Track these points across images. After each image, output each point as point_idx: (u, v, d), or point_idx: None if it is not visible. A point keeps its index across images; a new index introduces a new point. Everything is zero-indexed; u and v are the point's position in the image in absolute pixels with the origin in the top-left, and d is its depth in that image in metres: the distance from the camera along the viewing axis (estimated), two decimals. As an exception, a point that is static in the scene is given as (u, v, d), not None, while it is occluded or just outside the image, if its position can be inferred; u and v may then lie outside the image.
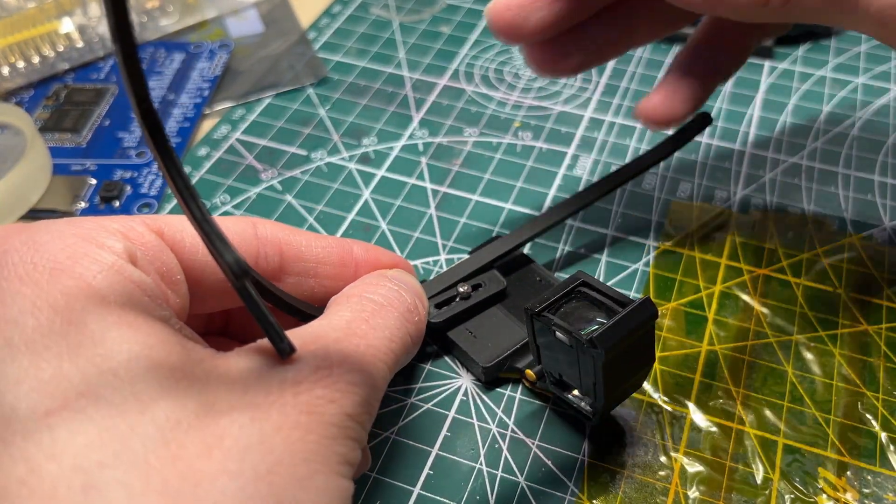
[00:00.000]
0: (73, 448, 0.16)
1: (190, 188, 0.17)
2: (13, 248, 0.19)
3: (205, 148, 0.40)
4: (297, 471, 0.17)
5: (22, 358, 0.17)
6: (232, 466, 0.17)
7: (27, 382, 0.17)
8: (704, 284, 0.33)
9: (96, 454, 0.16)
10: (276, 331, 0.18)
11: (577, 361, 0.24)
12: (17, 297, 0.18)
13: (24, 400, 0.17)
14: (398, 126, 0.41)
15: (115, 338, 0.18)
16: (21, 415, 0.16)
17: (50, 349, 0.17)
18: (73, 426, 0.16)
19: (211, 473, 0.16)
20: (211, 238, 0.17)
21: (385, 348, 0.21)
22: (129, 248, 0.20)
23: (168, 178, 0.17)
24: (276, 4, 0.50)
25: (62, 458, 0.16)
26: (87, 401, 0.17)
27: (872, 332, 0.31)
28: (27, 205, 0.36)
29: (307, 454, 0.18)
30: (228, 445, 0.17)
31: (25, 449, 0.16)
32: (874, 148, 0.40)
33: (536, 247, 0.35)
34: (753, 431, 0.28)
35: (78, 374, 0.17)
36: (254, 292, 0.18)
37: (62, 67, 0.44)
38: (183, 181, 0.17)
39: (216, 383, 0.18)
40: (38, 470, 0.16)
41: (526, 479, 0.27)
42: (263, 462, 0.17)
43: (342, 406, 0.19)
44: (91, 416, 0.16)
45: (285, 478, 0.17)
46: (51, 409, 0.16)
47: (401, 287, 0.24)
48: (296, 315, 0.23)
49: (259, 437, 0.17)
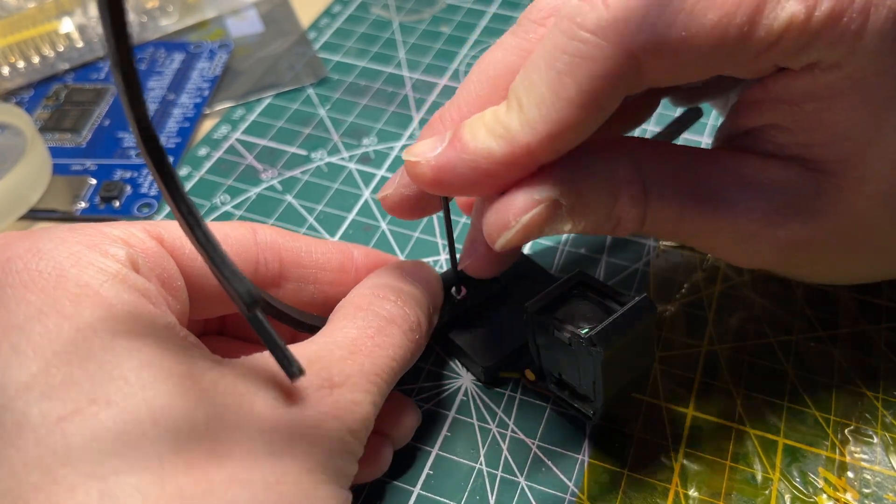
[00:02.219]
0: (88, 454, 0.16)
1: (195, 214, 0.17)
2: (17, 255, 0.19)
3: (205, 148, 0.40)
4: (302, 481, 0.18)
5: (31, 364, 0.17)
6: (242, 476, 0.17)
7: (38, 388, 0.17)
8: (704, 284, 0.33)
9: (111, 461, 0.16)
10: (287, 355, 0.18)
11: (577, 360, 0.24)
12: (22, 303, 0.18)
13: (36, 405, 0.16)
14: (398, 126, 0.41)
15: (124, 345, 0.18)
16: (33, 420, 0.16)
17: (59, 356, 0.17)
18: (87, 432, 0.16)
19: (223, 482, 0.17)
20: (220, 267, 0.17)
21: (387, 367, 0.22)
22: (132, 255, 0.20)
23: (175, 209, 0.17)
24: (276, 4, 0.50)
25: (77, 464, 0.16)
26: (99, 407, 0.17)
27: (872, 332, 0.31)
28: (27, 205, 0.36)
29: (311, 466, 0.18)
30: (238, 455, 0.17)
31: (39, 455, 0.16)
32: (874, 148, 0.40)
33: (537, 247, 0.35)
34: (753, 431, 0.28)
35: (89, 381, 0.17)
36: (264, 320, 0.18)
37: (62, 67, 0.44)
38: (188, 208, 0.17)
39: (224, 395, 0.18)
40: (53, 476, 0.16)
41: (526, 479, 0.27)
42: (272, 472, 0.17)
43: (344, 422, 0.20)
44: (104, 422, 0.16)
45: (292, 488, 0.18)
46: (63, 415, 0.16)
47: (406, 302, 0.24)
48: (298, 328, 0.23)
49: (267, 450, 0.18)
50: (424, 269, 0.27)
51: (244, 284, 0.17)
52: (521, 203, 0.21)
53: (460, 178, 0.21)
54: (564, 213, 0.22)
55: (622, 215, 0.22)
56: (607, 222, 0.23)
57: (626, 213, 0.22)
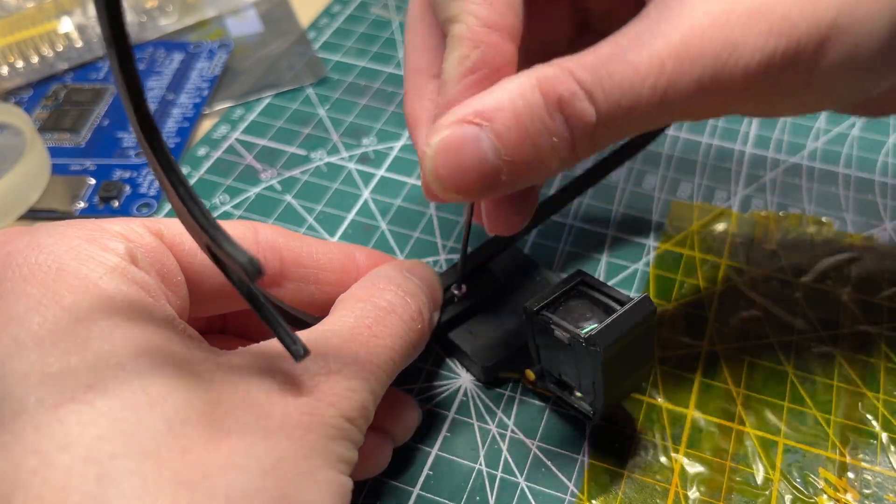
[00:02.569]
0: (85, 440, 0.16)
1: (190, 191, 0.17)
2: (17, 249, 0.19)
3: (204, 148, 0.40)
4: (299, 466, 0.18)
5: (29, 353, 0.17)
6: (239, 461, 0.17)
7: (35, 377, 0.17)
8: (704, 284, 0.33)
9: (108, 446, 0.16)
10: (289, 334, 0.19)
11: (577, 360, 0.24)
12: (22, 296, 0.18)
13: (34, 393, 0.17)
14: (398, 126, 0.41)
15: (122, 335, 0.18)
16: (30, 408, 0.17)
17: (57, 345, 0.17)
18: (84, 419, 0.16)
19: (220, 466, 0.17)
20: (217, 238, 0.17)
21: (385, 357, 0.22)
22: (131, 250, 0.20)
23: (160, 172, 0.16)
24: (275, 4, 0.50)
25: (74, 449, 0.16)
26: (96, 394, 0.17)
27: (873, 332, 0.31)
28: (26, 204, 0.36)
29: (308, 451, 0.18)
30: (235, 441, 0.17)
31: (37, 441, 0.16)
32: (875, 148, 0.40)
33: (536, 247, 0.34)
34: (754, 432, 0.28)
35: (86, 369, 0.17)
36: (262, 297, 0.18)
37: (61, 67, 0.44)
38: (177, 177, 0.17)
39: (220, 382, 0.19)
40: (51, 461, 0.16)
41: (526, 480, 0.27)
42: (269, 457, 0.18)
43: (340, 409, 0.20)
44: (100, 409, 0.17)
45: (289, 472, 0.18)
46: (60, 403, 0.17)
47: (407, 292, 0.24)
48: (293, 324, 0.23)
49: (263, 435, 0.18)
50: (424, 267, 0.27)
51: (244, 255, 0.16)
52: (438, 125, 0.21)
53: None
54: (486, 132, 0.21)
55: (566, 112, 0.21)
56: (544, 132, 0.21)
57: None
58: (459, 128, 0.21)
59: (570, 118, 0.21)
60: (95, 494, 0.16)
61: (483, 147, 0.20)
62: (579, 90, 0.20)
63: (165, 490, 0.16)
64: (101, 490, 0.16)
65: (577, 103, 0.20)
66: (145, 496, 0.16)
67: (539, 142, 0.21)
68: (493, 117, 0.20)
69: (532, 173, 0.21)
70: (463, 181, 0.21)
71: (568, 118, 0.21)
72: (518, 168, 0.21)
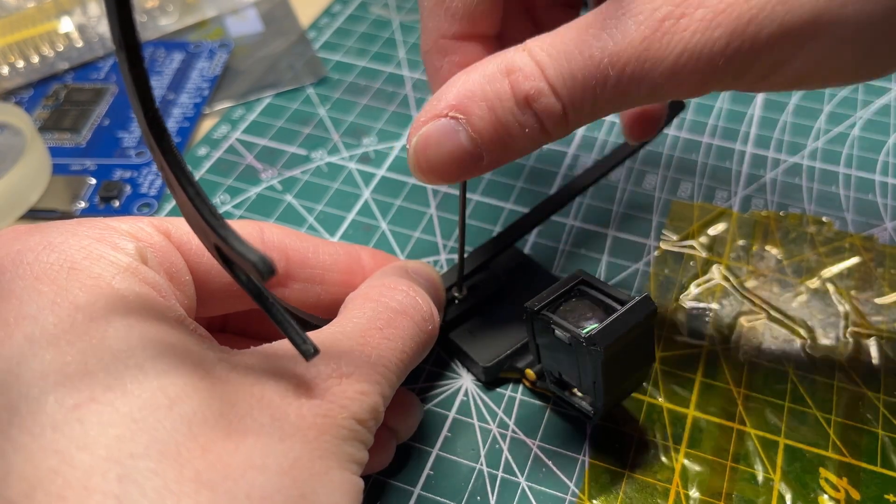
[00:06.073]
0: (105, 440, 0.16)
1: (199, 191, 0.17)
2: (28, 248, 0.19)
3: (204, 148, 0.40)
4: (314, 467, 0.18)
5: (44, 353, 0.17)
6: (258, 461, 0.17)
7: (52, 377, 0.17)
8: (705, 284, 0.33)
9: (128, 446, 0.16)
10: (299, 334, 0.19)
11: (577, 360, 0.24)
12: (34, 294, 0.18)
13: (52, 393, 0.17)
14: (398, 126, 0.41)
15: (139, 336, 0.18)
16: (48, 408, 0.16)
17: (73, 345, 0.17)
18: (104, 419, 0.16)
19: (239, 466, 0.17)
20: (229, 240, 0.17)
21: (396, 359, 0.22)
22: (141, 249, 0.20)
23: (164, 165, 0.16)
24: (275, 4, 0.50)
25: (94, 448, 0.16)
26: (115, 395, 0.17)
27: (873, 331, 0.31)
28: (26, 204, 0.36)
29: (322, 452, 0.19)
30: (252, 442, 0.18)
31: (56, 441, 0.16)
32: (875, 147, 0.40)
33: (537, 247, 0.35)
34: (754, 431, 0.28)
35: (104, 370, 0.17)
36: (271, 297, 0.18)
37: (62, 67, 0.44)
38: (180, 168, 0.17)
39: (235, 383, 0.19)
40: (71, 460, 0.16)
41: (526, 480, 0.27)
42: (285, 458, 0.18)
43: (352, 412, 0.20)
44: (119, 409, 0.17)
45: (305, 473, 0.18)
46: (79, 403, 0.17)
47: (418, 292, 0.24)
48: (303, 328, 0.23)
49: (280, 436, 0.18)
50: (428, 268, 0.27)
51: (255, 254, 0.16)
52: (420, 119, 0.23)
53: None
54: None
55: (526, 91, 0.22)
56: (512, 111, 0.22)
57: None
58: (437, 122, 0.22)
59: (539, 112, 0.22)
60: (117, 494, 0.16)
61: (461, 139, 0.22)
62: (545, 86, 0.21)
63: (187, 490, 0.16)
64: (122, 490, 0.16)
65: (543, 99, 0.21)
66: (168, 496, 0.16)
67: (513, 131, 0.22)
68: (468, 110, 0.22)
69: (513, 154, 0.23)
70: (447, 171, 0.23)
71: (536, 112, 0.22)
72: (497, 152, 0.23)
